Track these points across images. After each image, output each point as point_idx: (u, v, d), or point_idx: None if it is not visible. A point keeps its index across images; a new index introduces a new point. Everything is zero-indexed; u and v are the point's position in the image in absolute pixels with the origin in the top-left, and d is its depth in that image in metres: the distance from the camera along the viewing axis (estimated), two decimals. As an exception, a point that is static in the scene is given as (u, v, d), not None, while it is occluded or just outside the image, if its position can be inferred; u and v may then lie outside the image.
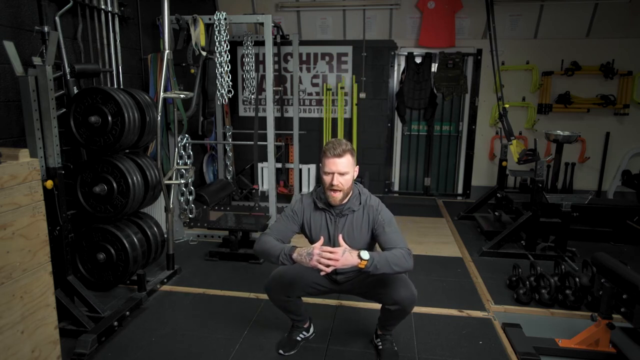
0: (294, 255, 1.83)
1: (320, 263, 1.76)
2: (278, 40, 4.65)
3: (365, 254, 1.78)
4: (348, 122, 5.22)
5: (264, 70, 3.74)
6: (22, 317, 1.79)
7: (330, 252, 1.76)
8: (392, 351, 2.16)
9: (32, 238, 1.83)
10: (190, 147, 3.68)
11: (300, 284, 2.11)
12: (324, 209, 2.06)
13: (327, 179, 1.97)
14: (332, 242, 2.03)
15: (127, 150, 2.81)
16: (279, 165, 5.09)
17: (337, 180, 1.94)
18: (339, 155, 1.93)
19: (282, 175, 5.18)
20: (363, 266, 1.78)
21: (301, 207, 2.10)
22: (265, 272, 3.15)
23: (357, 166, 2.04)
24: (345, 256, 1.77)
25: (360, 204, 2.05)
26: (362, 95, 5.19)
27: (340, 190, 1.97)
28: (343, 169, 1.94)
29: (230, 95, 3.65)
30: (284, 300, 2.15)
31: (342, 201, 2.01)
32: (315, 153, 5.26)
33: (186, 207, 3.80)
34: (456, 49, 4.95)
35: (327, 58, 5.21)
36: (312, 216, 2.08)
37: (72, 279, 2.41)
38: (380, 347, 2.19)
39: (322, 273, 1.79)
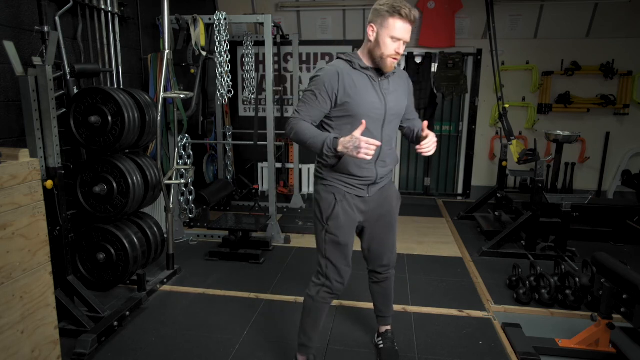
0: (339, 148, 1.61)
1: (362, 149, 1.54)
2: (278, 40, 4.66)
3: None
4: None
5: (264, 70, 3.75)
6: (22, 317, 1.79)
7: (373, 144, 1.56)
8: (392, 351, 2.16)
9: (32, 238, 1.83)
10: (190, 147, 3.69)
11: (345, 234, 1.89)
12: (365, 70, 1.77)
13: (393, 46, 1.68)
14: (383, 103, 1.78)
15: (127, 150, 2.81)
16: (279, 165, 5.09)
17: (402, 49, 1.71)
18: (412, 22, 1.67)
19: (282, 175, 5.19)
20: None
21: (334, 75, 1.72)
22: (265, 272, 3.18)
23: None
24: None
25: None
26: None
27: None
28: (409, 37, 1.71)
29: (230, 95, 3.66)
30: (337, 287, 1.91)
31: None
32: (314, 153, 5.24)
33: (186, 207, 3.80)
34: (456, 49, 4.95)
35: (327, 58, 5.20)
36: (354, 78, 1.75)
37: (72, 279, 2.41)
38: (381, 346, 2.19)
39: (362, 156, 1.56)
